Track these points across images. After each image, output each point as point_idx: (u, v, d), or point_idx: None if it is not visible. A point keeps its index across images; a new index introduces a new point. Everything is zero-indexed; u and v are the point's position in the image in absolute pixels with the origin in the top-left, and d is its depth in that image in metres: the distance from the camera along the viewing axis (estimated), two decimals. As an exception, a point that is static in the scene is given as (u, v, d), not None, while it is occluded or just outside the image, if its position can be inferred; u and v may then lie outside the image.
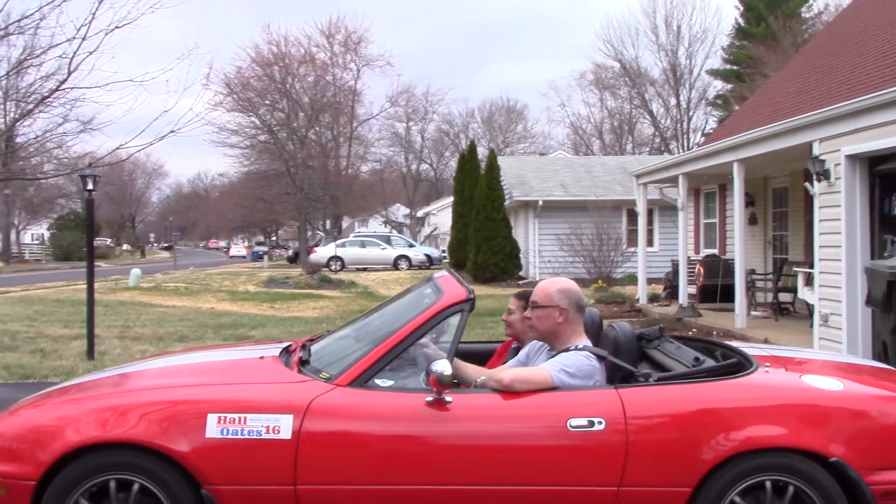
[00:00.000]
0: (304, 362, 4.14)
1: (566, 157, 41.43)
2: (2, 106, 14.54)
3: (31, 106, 12.39)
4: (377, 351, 3.87)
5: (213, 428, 3.62)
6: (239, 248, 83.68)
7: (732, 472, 3.59)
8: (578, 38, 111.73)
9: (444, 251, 40.04)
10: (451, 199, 35.79)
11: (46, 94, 12.15)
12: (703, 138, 44.73)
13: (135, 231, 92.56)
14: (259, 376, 4.10)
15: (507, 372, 3.91)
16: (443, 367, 3.56)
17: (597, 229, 19.72)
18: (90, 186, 11.21)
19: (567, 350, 4.01)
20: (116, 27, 11.79)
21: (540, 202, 25.11)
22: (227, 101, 42.22)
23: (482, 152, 31.47)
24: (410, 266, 36.46)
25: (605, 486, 3.61)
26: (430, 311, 3.93)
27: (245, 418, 3.63)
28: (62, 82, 11.98)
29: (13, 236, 56.61)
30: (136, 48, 15.00)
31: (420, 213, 63.79)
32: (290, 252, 54.18)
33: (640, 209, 17.30)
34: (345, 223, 52.37)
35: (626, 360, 4.05)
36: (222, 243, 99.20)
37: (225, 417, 3.64)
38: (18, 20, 11.68)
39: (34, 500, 3.61)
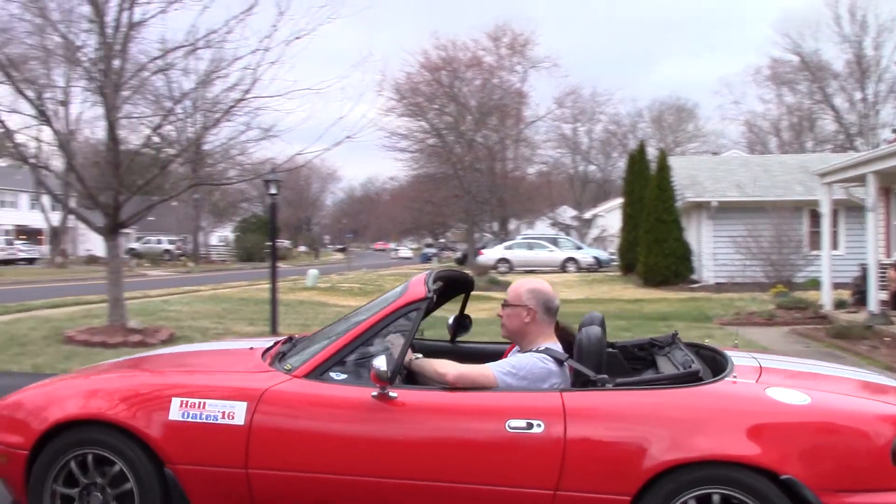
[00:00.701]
0: (281, 355, 4.39)
1: (741, 155, 39.80)
2: (191, 117, 15.46)
3: (218, 115, 13.13)
4: (334, 346, 4.02)
5: (176, 411, 3.88)
6: (406, 250, 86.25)
7: (675, 482, 3.46)
8: (753, 33, 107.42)
9: (612, 253, 39.46)
10: (620, 200, 35.23)
11: (232, 104, 12.84)
12: (893, 134, 41.88)
13: (310, 233, 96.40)
14: (231, 366, 4.38)
15: (454, 369, 3.91)
16: (380, 362, 3.64)
17: (776, 231, 18.86)
18: (273, 190, 11.78)
19: (530, 351, 4.01)
20: (296, 38, 12.36)
21: (714, 203, 24.28)
22: (398, 106, 43.42)
23: (651, 152, 30.78)
24: (579, 268, 36.14)
25: (541, 488, 3.57)
26: (387, 310, 4.05)
27: (204, 403, 3.88)
28: (246, 92, 12.64)
29: (201, 238, 60.15)
30: (313, 57, 15.59)
31: (587, 215, 63.13)
32: (459, 254, 54.90)
33: (825, 210, 16.41)
34: (511, 225, 52.46)
35: (590, 365, 3.88)
36: (391, 245, 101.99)
37: (187, 402, 3.89)
38: (206, 35, 12.42)
39: (28, 469, 4.00)
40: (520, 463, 3.58)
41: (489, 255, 37.41)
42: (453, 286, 4.99)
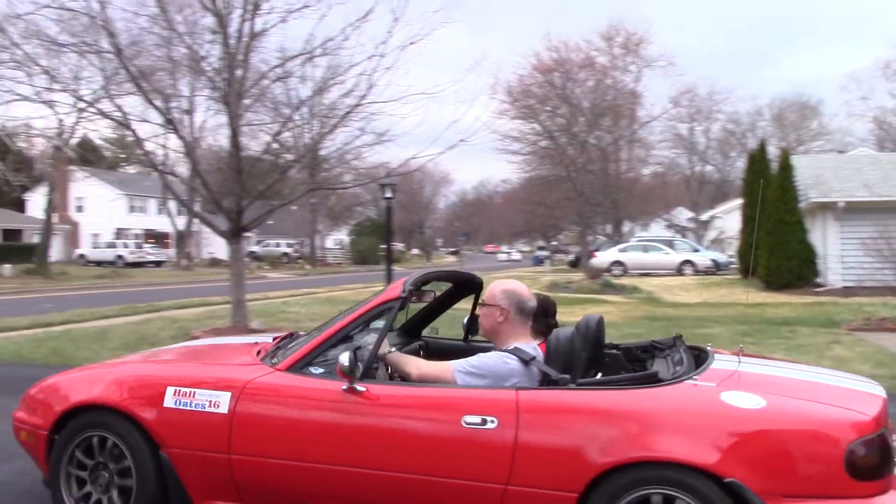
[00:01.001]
0: (276, 350, 4.68)
1: (870, 153, 38.01)
2: (308, 123, 15.81)
3: (334, 121, 13.39)
4: (314, 341, 4.26)
5: (170, 399, 4.22)
6: (515, 253, 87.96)
7: (620, 481, 3.49)
8: (882, 26, 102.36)
9: (731, 256, 38.34)
10: (738, 201, 34.18)
11: (348, 110, 13.07)
12: None
13: (423, 236, 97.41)
14: (226, 359, 4.67)
15: (415, 368, 4.15)
16: (344, 358, 3.86)
17: (909, 233, 17.91)
18: (388, 194, 11.91)
19: (500, 350, 4.14)
20: (411, 43, 12.50)
21: (840, 203, 23.23)
22: (510, 109, 43.39)
23: (772, 152, 29.74)
24: (696, 271, 35.27)
25: (492, 483, 3.66)
26: (363, 308, 4.30)
27: (194, 392, 4.20)
28: (362, 98, 12.85)
29: (317, 241, 61.60)
30: (427, 62, 15.72)
31: (704, 217, 61.51)
32: (572, 256, 54.43)
33: (963, 210, 15.50)
34: (625, 227, 51.60)
35: (558, 365, 4.00)
36: (502, 247, 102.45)
37: (179, 391, 4.23)
38: (323, 43, 12.70)
39: (48, 448, 4.44)
40: (473, 457, 3.70)
41: (602, 257, 36.97)
42: (462, 287, 5.28)
